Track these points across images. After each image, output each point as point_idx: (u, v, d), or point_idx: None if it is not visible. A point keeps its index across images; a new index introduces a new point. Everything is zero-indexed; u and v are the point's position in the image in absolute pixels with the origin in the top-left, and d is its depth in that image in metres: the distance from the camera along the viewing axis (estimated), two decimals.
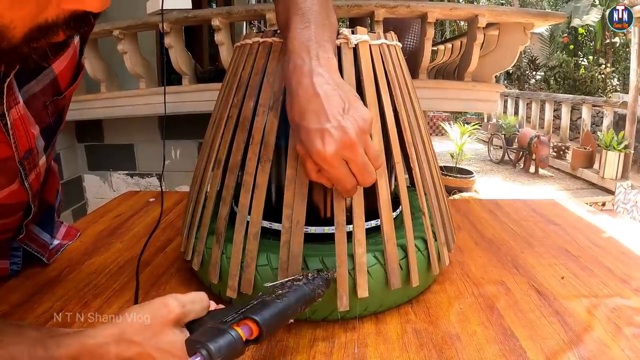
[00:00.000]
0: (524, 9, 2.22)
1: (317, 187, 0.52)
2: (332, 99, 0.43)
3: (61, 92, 0.50)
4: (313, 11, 0.47)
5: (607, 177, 5.37)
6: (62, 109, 0.53)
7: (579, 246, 0.77)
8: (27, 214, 0.56)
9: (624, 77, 8.71)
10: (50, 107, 0.49)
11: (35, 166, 0.51)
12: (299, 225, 0.50)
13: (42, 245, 0.67)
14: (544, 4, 11.39)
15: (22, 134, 0.45)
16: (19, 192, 0.51)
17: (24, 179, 0.49)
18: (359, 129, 0.43)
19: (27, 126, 0.46)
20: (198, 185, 0.60)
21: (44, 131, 0.50)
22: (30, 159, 0.49)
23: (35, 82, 0.46)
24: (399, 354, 0.47)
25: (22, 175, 0.49)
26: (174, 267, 0.67)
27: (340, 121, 0.42)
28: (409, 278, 0.54)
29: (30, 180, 0.51)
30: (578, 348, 0.48)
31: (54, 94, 0.48)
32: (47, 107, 0.48)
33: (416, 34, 2.60)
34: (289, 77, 0.46)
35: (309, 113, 0.44)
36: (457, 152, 5.25)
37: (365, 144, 0.44)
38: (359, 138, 0.43)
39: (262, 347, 0.48)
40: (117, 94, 2.28)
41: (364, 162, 0.44)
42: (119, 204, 1.00)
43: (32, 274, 0.65)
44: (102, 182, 2.76)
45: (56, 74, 0.48)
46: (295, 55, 0.46)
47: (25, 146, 0.47)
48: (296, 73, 0.45)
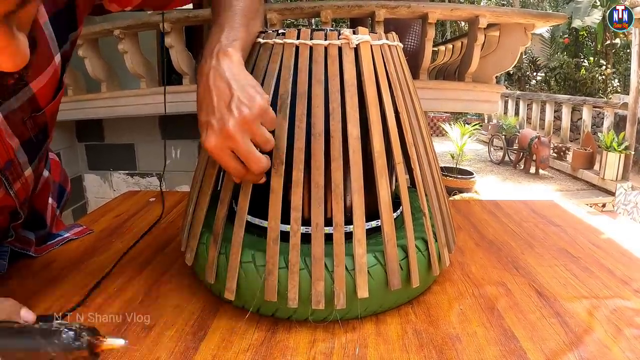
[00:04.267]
0: (525, 9, 2.22)
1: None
2: (222, 93, 0.45)
3: (40, 108, 0.51)
4: (229, 19, 0.50)
5: (607, 178, 5.37)
6: (44, 125, 0.54)
7: (579, 247, 0.77)
8: (14, 218, 0.57)
9: (624, 78, 8.70)
10: (29, 122, 0.50)
11: (19, 176, 0.53)
12: (318, 228, 0.50)
13: (26, 242, 0.68)
14: (544, 4, 11.39)
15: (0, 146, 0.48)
16: (5, 199, 0.52)
17: (8, 188, 0.51)
18: (241, 119, 0.44)
19: (3, 138, 0.48)
20: (199, 185, 0.60)
21: (25, 145, 0.51)
22: (11, 169, 0.51)
23: (14, 99, 0.47)
24: (399, 355, 0.47)
25: (5, 184, 0.51)
26: (175, 267, 0.67)
27: (224, 114, 0.44)
28: (409, 279, 0.54)
29: (16, 189, 0.53)
30: (578, 349, 0.48)
31: (31, 110, 0.50)
32: (26, 122, 0.50)
33: (417, 35, 2.60)
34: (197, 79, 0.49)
35: (201, 107, 0.46)
36: (457, 152, 5.26)
37: (252, 132, 0.45)
38: (241, 128, 0.44)
39: (262, 347, 0.48)
40: (117, 94, 2.28)
41: (247, 150, 0.45)
42: (119, 204, 1.00)
43: (32, 273, 0.65)
44: (102, 181, 2.76)
45: (34, 92, 0.49)
46: (202, 58, 0.49)
47: (4, 157, 0.49)
48: (199, 73, 0.48)
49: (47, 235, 0.74)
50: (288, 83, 0.51)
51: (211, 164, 0.57)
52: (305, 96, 0.51)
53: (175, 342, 0.49)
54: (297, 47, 0.52)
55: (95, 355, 0.34)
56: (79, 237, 0.79)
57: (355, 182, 0.51)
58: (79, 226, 0.81)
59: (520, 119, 8.11)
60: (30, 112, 0.50)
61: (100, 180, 2.74)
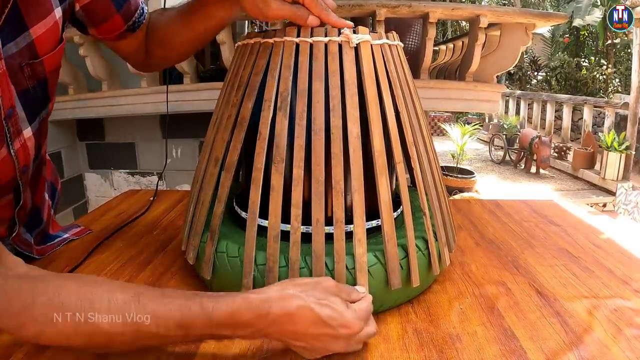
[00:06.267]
0: (526, 9, 2.22)
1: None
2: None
3: (38, 56, 0.52)
4: None
5: (608, 178, 5.36)
6: (43, 79, 0.55)
7: (579, 247, 0.77)
8: (17, 200, 0.58)
9: (625, 78, 8.69)
10: (26, 69, 0.52)
11: (19, 133, 0.54)
12: (319, 224, 0.50)
13: (27, 244, 0.68)
14: (545, 4, 11.37)
15: (5, 89, 0.49)
16: (6, 161, 0.53)
17: (9, 142, 0.52)
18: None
19: (8, 82, 0.49)
20: (199, 185, 0.60)
21: (23, 95, 0.52)
22: (13, 119, 0.52)
23: (13, 44, 0.49)
24: (399, 354, 0.47)
25: (7, 138, 0.51)
26: (175, 266, 0.67)
27: None
28: (409, 278, 0.54)
29: (16, 149, 0.54)
30: (578, 349, 0.48)
31: (30, 57, 0.51)
32: (23, 68, 0.51)
33: (418, 34, 2.60)
34: None
35: None
36: (458, 152, 5.25)
37: None
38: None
39: (263, 347, 0.48)
40: (118, 93, 2.28)
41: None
42: (119, 203, 1.00)
43: None
44: (103, 180, 2.76)
45: (33, 38, 0.51)
46: None
47: (7, 103, 0.50)
48: None
49: (45, 235, 0.74)
50: (288, 81, 0.51)
51: (213, 163, 0.57)
52: (305, 93, 0.51)
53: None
54: (298, 44, 0.52)
55: None
56: (78, 237, 0.79)
57: (355, 181, 0.51)
58: (77, 227, 0.82)
59: (521, 118, 8.11)
60: (29, 59, 0.51)
61: (101, 179, 2.74)
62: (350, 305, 0.44)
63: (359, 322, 0.42)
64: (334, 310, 0.41)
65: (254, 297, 0.40)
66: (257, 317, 0.40)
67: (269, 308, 0.40)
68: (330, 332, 0.41)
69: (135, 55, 0.70)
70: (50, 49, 0.54)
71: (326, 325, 0.40)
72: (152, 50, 0.69)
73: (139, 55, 0.70)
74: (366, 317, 0.45)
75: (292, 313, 0.40)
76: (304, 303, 0.40)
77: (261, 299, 0.40)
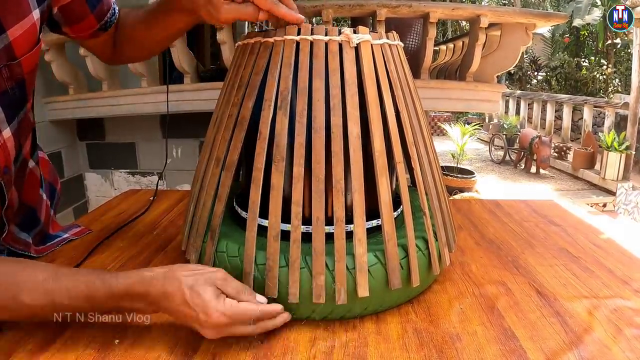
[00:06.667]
0: (526, 9, 2.22)
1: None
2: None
3: (15, 57, 0.53)
4: None
5: (608, 178, 5.36)
6: (21, 80, 0.56)
7: (579, 247, 0.77)
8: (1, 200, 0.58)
9: (625, 78, 8.69)
10: (4, 71, 0.53)
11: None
12: (319, 222, 0.50)
13: (24, 243, 0.68)
14: (545, 4, 11.37)
15: None
16: None
17: None
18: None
19: None
20: (199, 184, 0.60)
21: (2, 97, 0.53)
22: None
23: None
24: (399, 354, 0.47)
25: None
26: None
27: None
28: (409, 278, 0.54)
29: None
30: (578, 349, 0.48)
31: (8, 58, 0.52)
32: (1, 70, 0.52)
33: (418, 34, 2.60)
34: None
35: None
36: (458, 152, 5.25)
37: None
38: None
39: (262, 346, 0.48)
40: (119, 93, 2.28)
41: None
42: (119, 202, 1.00)
43: None
44: (103, 180, 2.76)
45: (10, 40, 0.52)
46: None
47: None
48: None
49: (45, 235, 0.74)
50: (289, 80, 0.51)
51: (213, 163, 0.57)
52: (305, 92, 0.51)
53: (176, 341, 0.49)
54: (298, 43, 0.52)
55: None
56: (78, 237, 0.79)
57: (355, 180, 0.51)
58: (77, 226, 0.82)
59: (521, 118, 8.10)
60: (7, 61, 0.52)
61: (101, 179, 2.74)
62: (225, 300, 0.47)
63: (221, 316, 0.45)
64: (200, 297, 0.45)
65: (146, 274, 0.47)
66: (147, 291, 0.46)
67: (156, 284, 0.46)
68: (194, 315, 0.45)
69: (103, 51, 0.72)
70: (28, 50, 0.55)
71: (190, 308, 0.45)
72: (120, 47, 0.71)
73: (107, 50, 0.72)
74: (238, 316, 0.47)
75: (169, 292, 0.46)
76: (179, 284, 0.46)
77: (151, 275, 0.47)
